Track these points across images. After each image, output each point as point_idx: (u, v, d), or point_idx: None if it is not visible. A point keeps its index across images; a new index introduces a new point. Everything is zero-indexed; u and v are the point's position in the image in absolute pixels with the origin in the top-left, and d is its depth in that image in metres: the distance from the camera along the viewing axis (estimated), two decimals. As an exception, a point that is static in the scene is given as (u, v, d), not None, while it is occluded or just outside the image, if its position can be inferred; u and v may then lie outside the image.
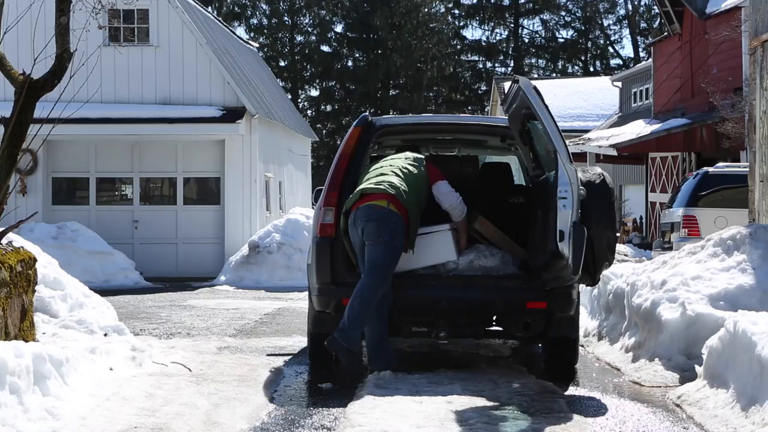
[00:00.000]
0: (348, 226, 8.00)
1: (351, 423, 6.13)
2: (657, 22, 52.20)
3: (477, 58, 58.96)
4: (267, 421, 6.42)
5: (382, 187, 7.93)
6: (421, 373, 7.78)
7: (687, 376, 7.60)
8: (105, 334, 8.85)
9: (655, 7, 39.09)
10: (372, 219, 7.79)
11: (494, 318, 8.45)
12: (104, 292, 12.63)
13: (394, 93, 56.02)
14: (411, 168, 8.19)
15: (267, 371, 8.11)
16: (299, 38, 56.71)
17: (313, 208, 9.01)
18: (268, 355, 9.29)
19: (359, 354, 7.88)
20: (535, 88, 7.68)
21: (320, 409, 6.84)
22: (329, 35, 56.49)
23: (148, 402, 6.59)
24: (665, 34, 29.58)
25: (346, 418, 6.30)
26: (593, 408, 6.82)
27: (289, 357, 9.23)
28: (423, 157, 8.47)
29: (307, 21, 56.80)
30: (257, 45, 36.00)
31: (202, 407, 6.55)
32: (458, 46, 58.48)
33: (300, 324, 11.77)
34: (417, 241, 8.05)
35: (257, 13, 56.16)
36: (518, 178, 11.19)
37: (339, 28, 56.82)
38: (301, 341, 10.22)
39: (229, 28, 29.79)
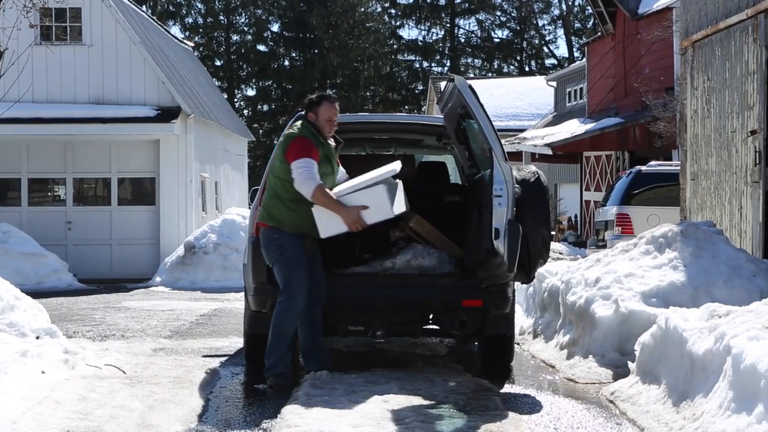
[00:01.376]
0: None
1: (287, 423, 6.11)
2: (591, 23, 52.78)
3: (413, 58, 59.14)
4: (202, 423, 6.37)
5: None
6: (358, 373, 7.78)
7: (620, 372, 7.68)
8: (37, 337, 8.72)
9: (589, 8, 39.49)
10: (262, 243, 7.72)
11: (431, 316, 8.47)
12: (37, 294, 12.45)
13: (331, 92, 55.92)
14: (275, 162, 7.75)
15: (203, 372, 8.05)
16: (235, 37, 56.43)
17: (249, 208, 8.95)
18: (204, 356, 9.22)
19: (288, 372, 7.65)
20: (470, 87, 7.72)
21: (256, 409, 6.81)
22: (265, 34, 56.28)
23: (81, 405, 6.51)
24: (599, 34, 29.91)
25: (282, 419, 6.28)
26: (528, 405, 6.87)
27: (226, 358, 9.17)
28: (289, 134, 7.73)
29: (242, 20, 56.55)
30: (192, 44, 35.71)
31: (136, 410, 6.49)
32: (395, 46, 58.63)
33: (236, 325, 11.70)
34: (349, 199, 7.53)
35: (192, 12, 55.80)
36: (454, 177, 11.24)
37: (275, 28, 56.66)
38: (237, 342, 10.16)
39: (163, 27, 29.53)
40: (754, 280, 8.56)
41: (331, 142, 7.83)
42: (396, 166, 7.76)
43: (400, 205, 7.65)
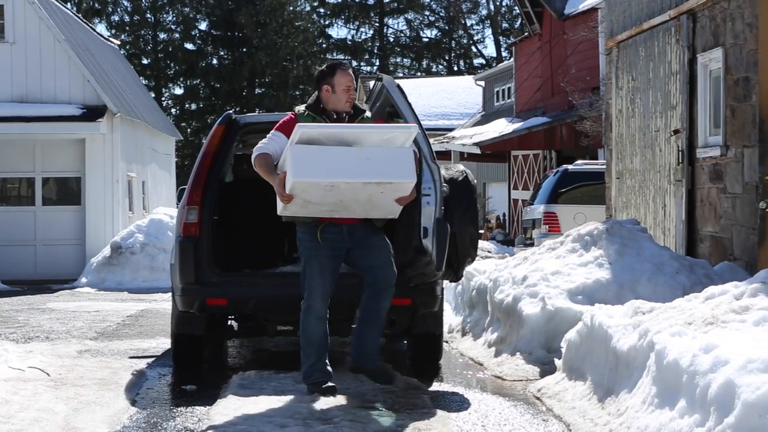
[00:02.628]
0: None
1: (214, 424, 6.06)
2: (518, 23, 53.22)
3: (343, 57, 59.09)
4: (128, 425, 6.30)
5: None
6: (287, 373, 7.74)
7: (547, 369, 7.75)
8: (-42, 340, 8.56)
9: (516, 8, 39.80)
10: None
11: (359, 315, 8.47)
12: (-42, 296, 12.21)
13: (260, 91, 55.74)
14: None
15: (129, 374, 7.95)
16: (162, 36, 55.91)
17: (177, 207, 8.87)
18: (131, 357, 9.12)
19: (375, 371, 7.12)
20: (398, 86, 7.74)
21: (184, 410, 6.74)
22: (193, 33, 55.84)
23: (4, 408, 6.39)
24: (526, 34, 30.19)
25: (210, 420, 6.23)
26: (457, 403, 6.90)
27: (153, 359, 9.08)
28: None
29: (170, 18, 56.04)
30: (119, 42, 35.29)
31: (60, 412, 6.39)
32: (324, 45, 58.57)
33: (164, 325, 11.59)
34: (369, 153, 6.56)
35: (118, 9, 55.14)
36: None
37: (203, 26, 56.25)
38: (164, 343, 10.06)
39: (89, 25, 29.14)
40: (677, 277, 8.69)
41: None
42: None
43: (361, 171, 6.49)
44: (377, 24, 58.62)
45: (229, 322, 8.95)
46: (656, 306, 6.54)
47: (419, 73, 56.21)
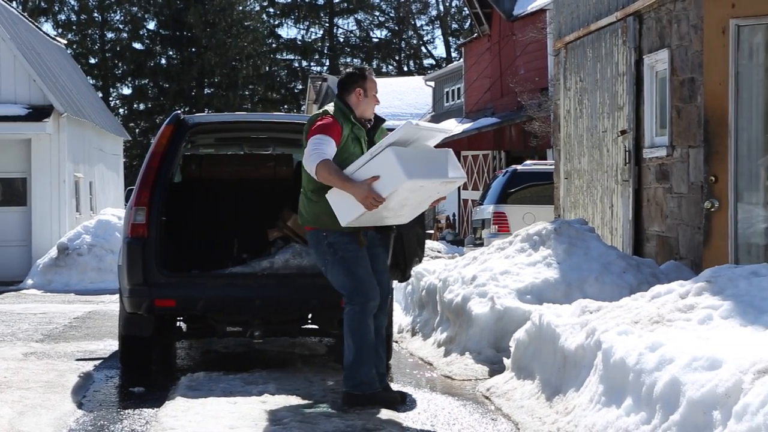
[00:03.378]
0: None
1: (162, 427, 6.02)
2: (468, 24, 53.42)
3: (292, 57, 59.03)
4: (75, 428, 6.24)
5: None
6: (236, 374, 7.72)
7: (496, 368, 7.78)
8: None
9: (466, 9, 39.95)
10: (311, 247, 6.86)
11: (309, 316, 8.47)
12: None
13: (209, 91, 55.47)
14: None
15: (76, 376, 7.87)
16: (110, 35, 55.47)
17: (125, 208, 8.80)
18: (78, 359, 9.02)
19: (384, 390, 6.72)
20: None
21: (131, 413, 6.69)
22: (141, 32, 55.45)
23: (-53, 412, 6.30)
24: (475, 35, 30.32)
25: (158, 422, 6.19)
26: (406, 403, 6.90)
27: (100, 361, 8.99)
28: (315, 117, 6.76)
29: (117, 17, 55.62)
30: (65, 42, 34.92)
31: (5, 416, 6.30)
32: (273, 45, 58.41)
33: (111, 327, 11.48)
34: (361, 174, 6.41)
35: (65, 8, 54.62)
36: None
37: (151, 25, 55.86)
38: (112, 345, 9.97)
39: (35, 24, 28.79)
40: (624, 276, 8.77)
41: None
42: (412, 124, 6.54)
43: (437, 170, 6.55)
44: (327, 24, 58.57)
45: (178, 324, 8.90)
46: (603, 305, 6.59)
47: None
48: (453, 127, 28.03)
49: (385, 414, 6.41)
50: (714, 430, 4.32)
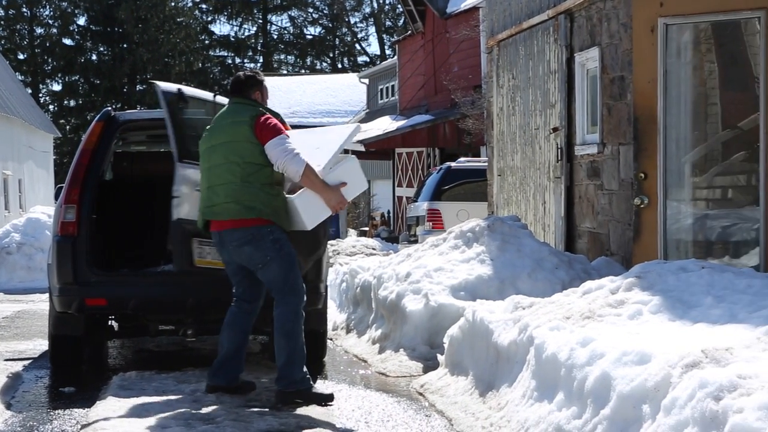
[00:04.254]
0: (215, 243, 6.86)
1: (93, 427, 5.95)
2: (402, 21, 53.52)
3: (226, 54, 58.66)
4: (3, 429, 6.13)
5: (231, 207, 6.62)
6: (168, 373, 7.65)
7: (430, 365, 7.81)
8: None
9: (399, 6, 40.02)
10: (246, 242, 6.58)
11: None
12: None
13: (141, 88, 54.91)
14: (243, 146, 6.65)
15: (4, 377, 7.74)
16: (39, 30, 54.63)
17: (55, 205, 8.67)
18: (6, 360, 8.88)
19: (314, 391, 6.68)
20: (169, 92, 7.62)
21: (61, 413, 6.60)
22: (71, 28, 54.71)
23: None
24: (409, 32, 30.39)
25: (88, 422, 6.11)
26: (341, 400, 6.90)
27: (29, 361, 8.86)
28: (250, 114, 6.70)
29: (47, 13, 54.82)
30: (-7, 36, 34.32)
31: (-69, 418, 6.19)
32: (206, 41, 57.99)
33: (41, 326, 11.31)
34: (331, 178, 6.61)
35: (-7, 3, 53.69)
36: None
37: (82, 21, 55.15)
38: (42, 344, 9.82)
39: (-39, 18, 28.28)
40: (556, 272, 8.86)
41: None
42: (353, 126, 7.05)
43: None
44: (261, 21, 58.29)
45: (110, 323, 8.80)
46: (536, 301, 6.65)
47: (303, 71, 56.09)
48: (387, 124, 28.07)
49: (319, 412, 6.41)
50: (644, 424, 4.38)
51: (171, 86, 7.79)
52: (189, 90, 7.93)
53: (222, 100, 7.77)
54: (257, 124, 6.59)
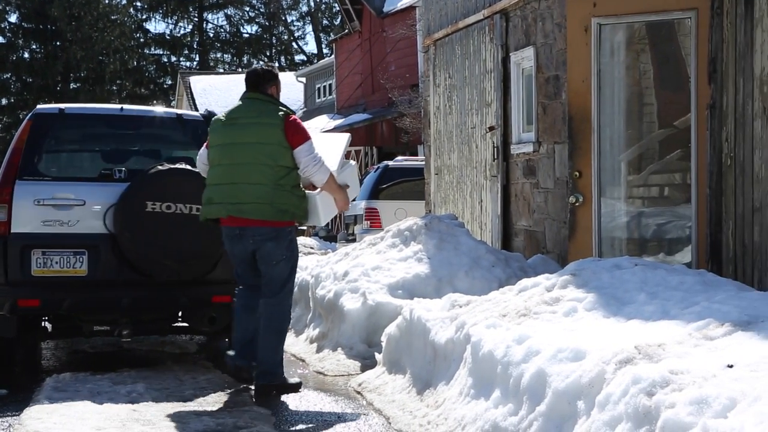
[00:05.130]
0: (223, 234, 7.07)
1: (26, 430, 5.86)
2: (338, 20, 53.47)
3: (161, 52, 58.13)
4: (-66, 434, 6.03)
5: (257, 204, 6.84)
6: (104, 374, 7.57)
7: (368, 363, 7.82)
8: None
9: (336, 5, 39.99)
10: (269, 239, 6.87)
11: (180, 314, 8.36)
12: None
13: (75, 86, 54.23)
14: (274, 149, 6.87)
15: (-65, 380, 7.60)
16: (-30, 27, 53.69)
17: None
18: (-63, 363, 8.70)
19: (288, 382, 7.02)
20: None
21: (-6, 417, 6.49)
22: (2, 25, 53.83)
23: None
24: (346, 31, 30.38)
25: (21, 425, 6.01)
26: (278, 400, 6.88)
27: (-39, 364, 8.69)
28: (280, 117, 6.95)
29: (-23, 9, 53.87)
30: None
31: None
32: (141, 39, 57.42)
33: (-27, 329, 11.11)
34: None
35: None
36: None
37: (13, 18, 54.31)
38: (-27, 347, 9.65)
39: None
40: (492, 270, 8.91)
41: None
42: (346, 136, 7.68)
43: None
44: (196, 19, 57.85)
45: (43, 323, 8.67)
46: (473, 299, 6.69)
47: (240, 69, 55.78)
48: (324, 123, 28.04)
49: (256, 411, 6.38)
50: (578, 420, 4.42)
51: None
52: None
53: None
54: (288, 127, 6.85)
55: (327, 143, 7.38)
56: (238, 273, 7.16)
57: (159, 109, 9.22)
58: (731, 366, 4.05)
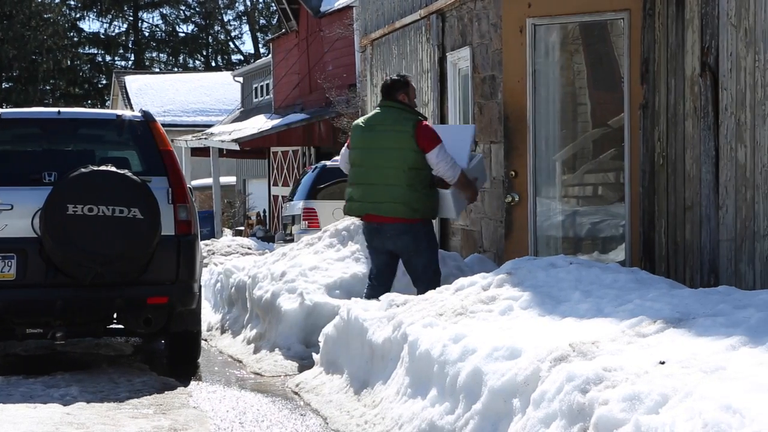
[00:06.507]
0: (363, 228, 8.03)
1: (-43, 435, 5.76)
2: (275, 19, 53.29)
3: (96, 51, 57.48)
4: None
5: (396, 206, 7.66)
6: (37, 377, 7.46)
7: (306, 364, 7.80)
8: None
9: (273, 5, 39.86)
10: (404, 233, 7.70)
11: (115, 315, 8.27)
12: None
13: (7, 86, 53.40)
14: (406, 153, 7.64)
15: None
16: None
17: None
18: None
19: None
20: None
21: (-77, 422, 6.37)
22: (-67, 23, 52.86)
23: None
24: (283, 31, 30.27)
25: (-48, 431, 5.92)
26: (215, 401, 6.84)
27: None
28: (411, 124, 7.67)
29: None
30: None
31: None
32: (75, 39, 56.71)
33: None
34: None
35: None
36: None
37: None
38: None
39: None
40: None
41: None
42: (471, 127, 8.35)
43: None
44: (131, 18, 57.27)
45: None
46: (410, 298, 6.70)
47: (176, 69, 55.35)
48: (262, 123, 27.92)
49: (192, 413, 6.34)
50: (514, 418, 4.45)
51: None
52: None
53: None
54: (418, 133, 7.59)
55: (453, 135, 7.90)
56: (372, 269, 7.99)
57: (97, 111, 9.12)
58: (663, 362, 4.11)
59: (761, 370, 3.78)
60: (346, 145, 8.07)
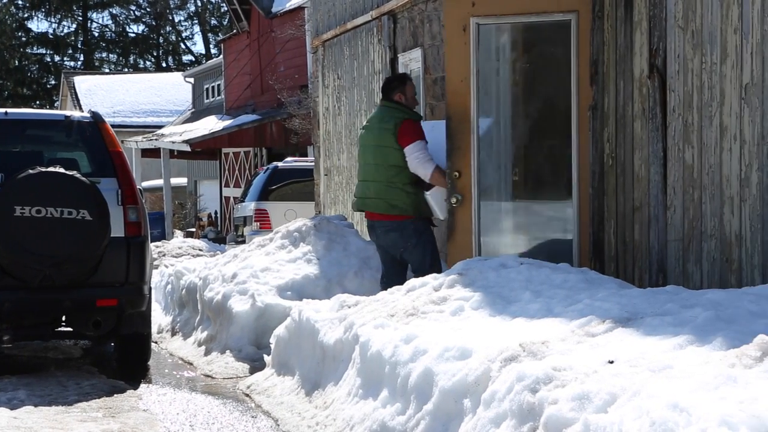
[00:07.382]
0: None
1: None
2: (227, 20, 53.05)
3: (44, 51, 56.86)
4: None
5: (378, 202, 7.88)
6: (-13, 382, 7.37)
7: (257, 366, 7.77)
8: None
9: (224, 5, 39.70)
10: (391, 230, 7.88)
11: (63, 318, 8.19)
12: None
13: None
14: (387, 151, 7.85)
15: None
16: None
17: None
18: None
19: None
20: None
21: None
22: None
23: None
24: (234, 31, 30.15)
25: None
26: (165, 404, 6.80)
27: None
28: (395, 122, 7.86)
29: None
30: None
31: None
32: (23, 39, 56.06)
33: None
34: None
35: None
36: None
37: None
38: None
39: None
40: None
41: None
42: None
43: None
44: (81, 18, 56.72)
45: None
46: (361, 299, 6.70)
47: (126, 69, 54.92)
48: (213, 124, 27.78)
49: (142, 416, 6.29)
50: (465, 418, 4.46)
51: None
52: None
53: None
54: (399, 131, 7.75)
55: (439, 135, 7.88)
56: (383, 268, 8.20)
57: (46, 112, 9.02)
58: (612, 362, 4.14)
59: (708, 369, 3.82)
60: None
